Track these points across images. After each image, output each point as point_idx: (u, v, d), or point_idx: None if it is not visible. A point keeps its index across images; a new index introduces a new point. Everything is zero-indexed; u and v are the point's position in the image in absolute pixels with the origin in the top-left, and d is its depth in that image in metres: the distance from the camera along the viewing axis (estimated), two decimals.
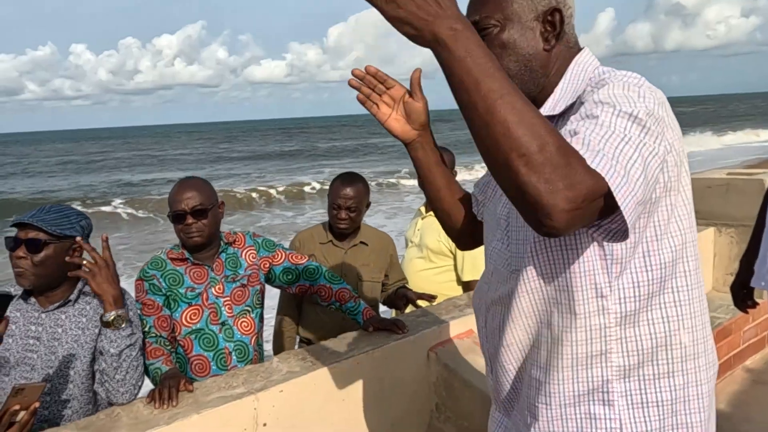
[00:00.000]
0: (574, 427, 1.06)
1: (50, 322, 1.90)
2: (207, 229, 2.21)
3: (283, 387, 1.99)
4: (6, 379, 1.84)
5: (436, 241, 3.07)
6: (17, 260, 1.82)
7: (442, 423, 2.36)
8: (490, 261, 1.24)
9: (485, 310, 1.24)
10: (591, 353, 1.03)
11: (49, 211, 1.89)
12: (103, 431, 1.74)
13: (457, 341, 2.43)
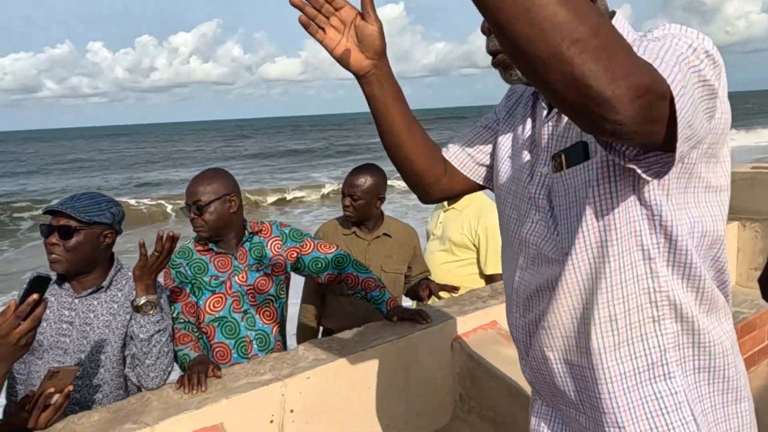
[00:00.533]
0: (642, 413, 1.01)
1: (83, 308, 1.93)
2: (208, 223, 2.23)
3: (309, 374, 2.00)
4: (39, 362, 1.88)
5: (459, 233, 3.06)
6: (50, 246, 1.86)
7: (465, 413, 2.37)
8: (526, 245, 1.12)
9: (524, 299, 1.14)
10: (644, 321, 0.99)
11: (80, 198, 1.92)
12: (134, 415, 1.76)
13: (481, 332, 2.43)
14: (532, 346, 1.15)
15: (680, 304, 0.98)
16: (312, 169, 28.09)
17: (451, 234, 3.08)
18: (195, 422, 1.77)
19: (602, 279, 0.99)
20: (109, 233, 1.94)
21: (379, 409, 2.19)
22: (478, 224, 3.01)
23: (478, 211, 3.05)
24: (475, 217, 3.03)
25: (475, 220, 3.03)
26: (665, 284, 0.97)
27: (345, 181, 2.79)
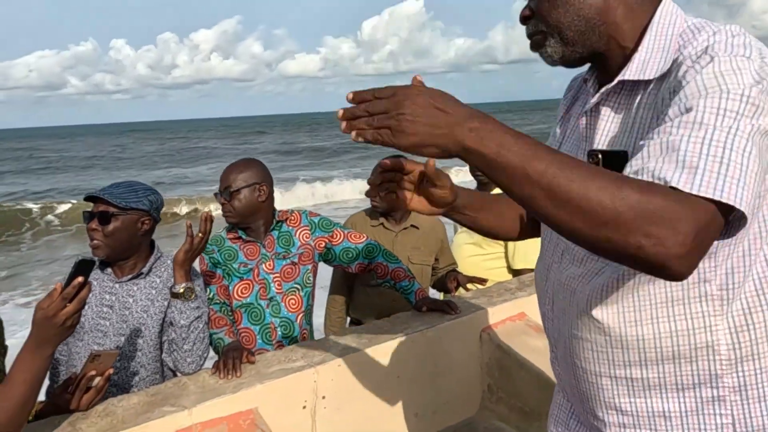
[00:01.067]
0: (679, 424, 0.97)
1: (123, 292, 1.98)
2: (236, 209, 2.29)
3: (340, 362, 2.03)
4: (80, 344, 1.94)
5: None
6: (90, 232, 1.92)
7: (494, 403, 2.38)
8: (557, 238, 1.11)
9: (552, 293, 1.12)
10: (695, 345, 0.93)
11: (118, 186, 1.98)
12: (171, 398, 1.81)
13: (509, 323, 2.44)
14: (560, 341, 1.13)
15: (738, 330, 0.93)
16: (331, 168, 28.07)
17: None
18: (230, 406, 1.81)
19: (644, 290, 0.95)
20: (147, 220, 1.99)
21: (409, 398, 2.21)
22: None
23: None
24: None
25: None
26: (719, 308, 0.92)
27: (373, 171, 2.81)
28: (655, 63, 0.95)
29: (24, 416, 1.43)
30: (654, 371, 0.97)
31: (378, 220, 2.88)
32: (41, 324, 1.41)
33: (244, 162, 2.38)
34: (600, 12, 0.98)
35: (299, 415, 1.96)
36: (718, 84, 0.82)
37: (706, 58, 0.86)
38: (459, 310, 2.36)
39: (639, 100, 0.98)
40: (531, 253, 3.00)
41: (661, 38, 0.96)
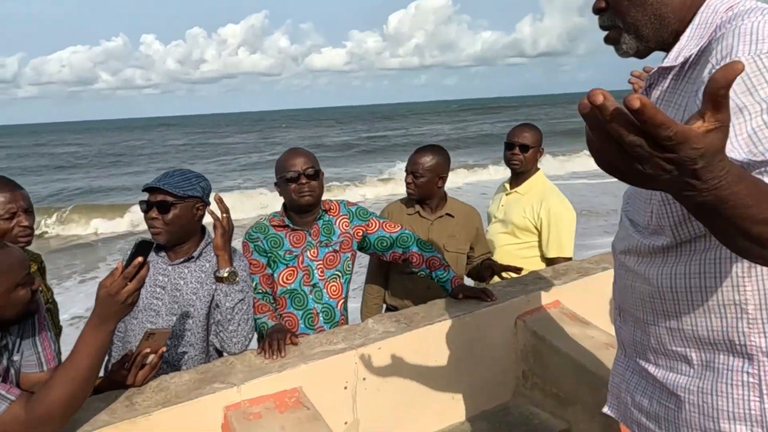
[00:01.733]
0: (711, 376, 1.06)
1: (175, 275, 2.07)
2: (317, 190, 2.36)
3: (381, 345, 2.09)
4: (135, 322, 2.04)
5: (521, 217, 3.09)
6: (151, 221, 2.01)
7: (529, 389, 2.42)
8: (624, 209, 1.25)
9: (617, 257, 1.26)
10: (723, 302, 1.01)
11: (172, 175, 2.06)
12: (220, 376, 1.89)
13: (545, 311, 2.47)
14: (621, 300, 1.25)
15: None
16: (356, 163, 28.02)
17: (514, 217, 3.11)
18: (276, 384, 1.89)
19: (682, 252, 1.05)
20: (201, 205, 2.08)
21: (445, 382, 2.27)
22: (541, 207, 3.03)
23: (540, 195, 3.07)
24: (537, 200, 3.06)
25: (537, 203, 3.05)
26: (747, 269, 1.00)
27: (409, 159, 2.86)
28: (687, 50, 1.03)
29: (89, 387, 1.52)
30: (688, 323, 1.07)
31: (414, 209, 2.93)
32: (104, 301, 1.50)
33: (306, 150, 2.46)
34: (675, 11, 1.06)
35: (341, 394, 2.03)
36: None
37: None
38: (495, 297, 2.40)
39: (678, 85, 1.06)
40: (565, 243, 3.02)
41: (701, 27, 1.03)
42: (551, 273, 2.75)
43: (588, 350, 2.22)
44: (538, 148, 3.12)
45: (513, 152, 3.11)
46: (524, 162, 3.10)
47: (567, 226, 3.03)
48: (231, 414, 1.77)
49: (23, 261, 1.55)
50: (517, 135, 3.11)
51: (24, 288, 1.55)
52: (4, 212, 2.02)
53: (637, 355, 1.24)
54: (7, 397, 1.45)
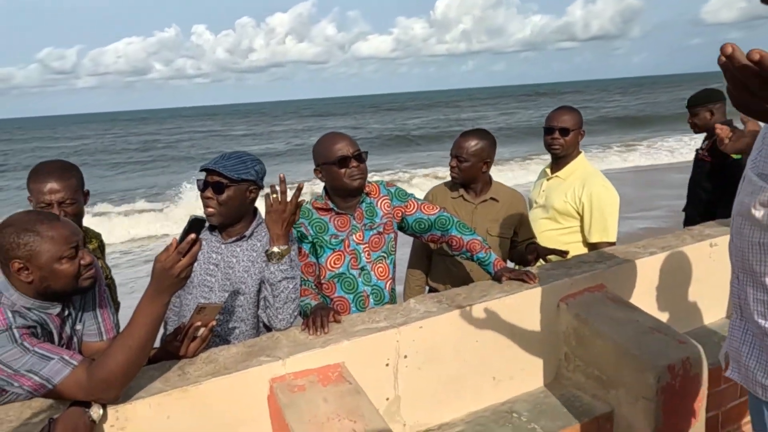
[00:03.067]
0: None
1: (227, 253, 2.17)
2: (365, 173, 2.40)
3: (422, 323, 2.12)
4: (189, 297, 2.15)
5: (563, 201, 3.06)
6: (206, 200, 2.10)
7: (571, 372, 2.41)
8: (751, 170, 1.31)
9: (734, 219, 1.34)
10: None
11: (229, 157, 2.14)
12: (266, 350, 1.96)
13: (588, 294, 2.45)
14: (735, 254, 1.33)
15: None
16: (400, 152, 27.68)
17: (555, 202, 3.08)
18: (320, 359, 1.95)
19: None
20: (254, 189, 2.15)
21: (487, 362, 2.28)
22: (582, 192, 2.99)
23: (582, 179, 3.03)
24: (579, 185, 3.02)
25: (579, 188, 3.01)
26: None
27: (454, 143, 2.87)
28: None
29: (144, 355, 1.62)
30: None
31: (458, 192, 2.94)
32: (159, 275, 1.58)
33: (344, 133, 2.50)
34: None
35: (382, 371, 2.07)
36: None
37: None
38: (538, 280, 2.39)
39: None
40: (608, 227, 2.97)
41: None
42: (595, 257, 2.72)
43: (633, 334, 2.20)
44: (578, 131, 3.07)
45: (553, 136, 3.07)
46: (565, 146, 3.06)
47: (610, 209, 2.98)
48: (276, 386, 1.84)
49: (69, 236, 1.62)
50: (556, 118, 3.07)
51: (69, 262, 1.62)
52: (41, 201, 2.11)
53: (758, 316, 1.29)
54: (71, 362, 1.56)
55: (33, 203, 2.14)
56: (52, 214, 1.66)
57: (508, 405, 2.33)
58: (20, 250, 1.57)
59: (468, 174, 2.85)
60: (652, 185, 13.42)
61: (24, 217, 1.61)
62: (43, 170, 2.15)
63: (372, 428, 1.71)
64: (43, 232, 1.58)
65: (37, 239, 1.58)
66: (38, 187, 2.12)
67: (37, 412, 1.61)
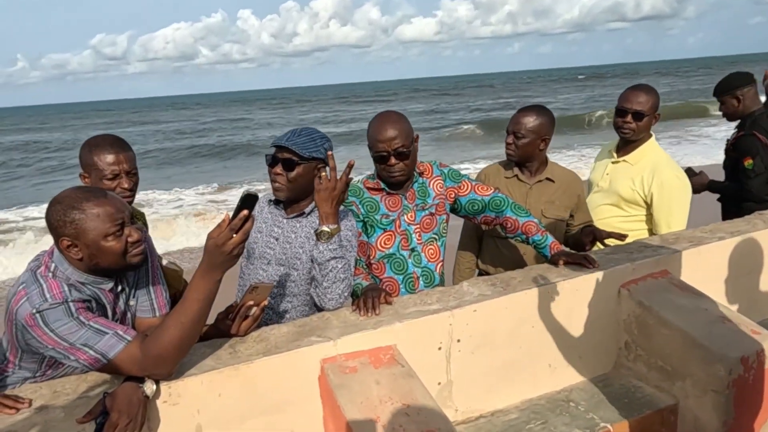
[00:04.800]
0: None
1: (287, 227, 2.16)
2: (408, 168, 2.30)
3: (476, 307, 2.05)
4: (251, 267, 2.18)
5: (630, 188, 2.88)
6: (275, 176, 2.08)
7: (631, 361, 2.30)
8: None
9: None
10: None
11: (300, 134, 2.09)
12: (317, 330, 1.93)
13: (651, 280, 2.33)
14: None
15: None
16: None
17: (620, 187, 2.91)
18: (371, 341, 1.90)
19: None
20: (322, 166, 2.10)
21: (542, 348, 2.20)
22: (653, 180, 2.81)
23: (653, 166, 2.83)
24: (649, 172, 2.83)
25: (649, 175, 2.83)
26: None
27: (511, 118, 2.75)
28: None
29: (197, 331, 1.60)
30: None
31: (512, 172, 2.83)
32: (212, 251, 1.55)
33: (399, 116, 2.33)
34: None
35: (435, 355, 2.01)
36: None
37: None
38: (597, 264, 2.28)
39: None
40: (679, 219, 2.80)
41: None
42: (659, 241, 2.58)
43: (702, 323, 2.07)
44: (653, 115, 2.87)
45: (625, 120, 2.88)
46: (636, 131, 2.87)
47: (681, 200, 2.79)
48: (327, 366, 1.81)
49: (114, 213, 1.58)
50: (630, 100, 2.86)
51: (116, 239, 1.59)
52: (108, 172, 2.09)
53: None
54: (125, 338, 1.56)
55: (92, 177, 2.13)
56: (100, 190, 1.63)
57: (565, 393, 2.24)
58: (68, 228, 1.56)
59: (525, 151, 2.73)
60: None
61: (72, 193, 1.59)
62: (104, 142, 2.15)
63: (425, 413, 1.66)
64: (89, 210, 1.56)
65: (83, 217, 1.56)
66: (104, 158, 2.10)
67: (92, 386, 1.62)
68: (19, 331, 1.55)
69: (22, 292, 1.56)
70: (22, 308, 1.53)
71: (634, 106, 2.83)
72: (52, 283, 1.57)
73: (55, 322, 1.52)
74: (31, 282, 1.58)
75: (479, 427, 2.08)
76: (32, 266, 1.65)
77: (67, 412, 1.51)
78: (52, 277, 1.59)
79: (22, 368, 1.68)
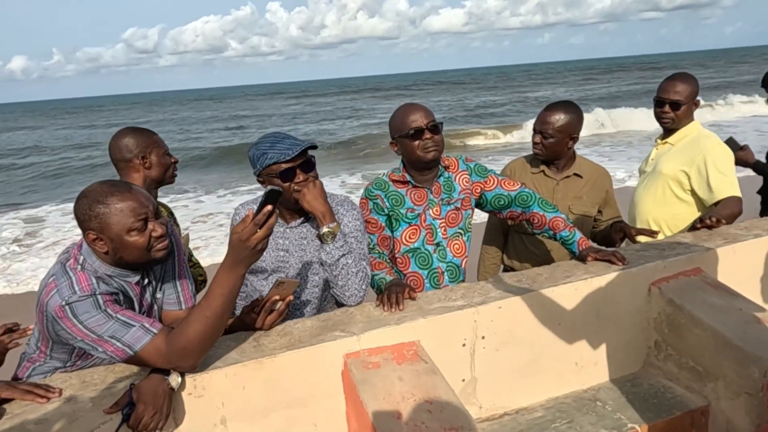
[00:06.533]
0: None
1: (294, 236, 2.10)
2: (441, 144, 2.28)
3: (501, 304, 2.02)
4: (264, 283, 2.12)
5: (673, 167, 2.83)
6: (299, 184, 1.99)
7: (661, 361, 2.24)
8: None
9: None
10: None
11: (287, 137, 2.05)
12: (341, 324, 1.93)
13: (683, 278, 2.26)
14: None
15: None
16: None
17: (664, 167, 2.87)
18: (395, 336, 1.89)
19: None
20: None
21: (569, 346, 2.16)
22: (696, 153, 2.75)
23: (694, 141, 2.81)
24: (691, 147, 2.80)
25: (691, 150, 2.79)
26: None
27: (538, 117, 2.70)
28: None
29: (221, 325, 1.61)
30: None
31: (539, 167, 2.78)
32: (236, 246, 1.55)
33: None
34: None
35: (459, 351, 1.99)
36: None
37: None
38: (627, 261, 2.23)
39: None
40: (731, 180, 2.69)
41: None
42: (691, 238, 2.51)
43: (735, 323, 2.01)
44: (691, 103, 2.83)
45: (663, 110, 2.86)
46: (675, 120, 2.84)
47: (727, 162, 2.73)
48: (351, 361, 1.80)
49: (137, 207, 1.59)
50: (668, 90, 2.83)
51: (139, 233, 1.60)
52: (166, 147, 2.38)
53: None
54: (151, 330, 1.57)
55: (153, 155, 2.33)
56: (125, 184, 1.64)
57: (592, 392, 2.20)
58: (93, 222, 1.57)
59: (553, 151, 2.68)
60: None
61: (98, 188, 1.60)
62: (149, 130, 2.39)
63: (448, 410, 1.64)
64: (113, 204, 1.57)
65: (107, 211, 1.56)
66: (159, 137, 2.39)
67: (120, 378, 1.64)
68: (49, 323, 1.58)
69: (52, 284, 1.59)
70: (53, 300, 1.56)
71: (671, 96, 2.82)
72: (81, 276, 1.60)
73: (84, 314, 1.54)
74: (61, 274, 1.60)
75: (503, 425, 2.06)
76: (62, 259, 1.68)
77: (95, 402, 1.54)
78: (80, 270, 1.62)
79: (53, 358, 1.72)
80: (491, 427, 2.04)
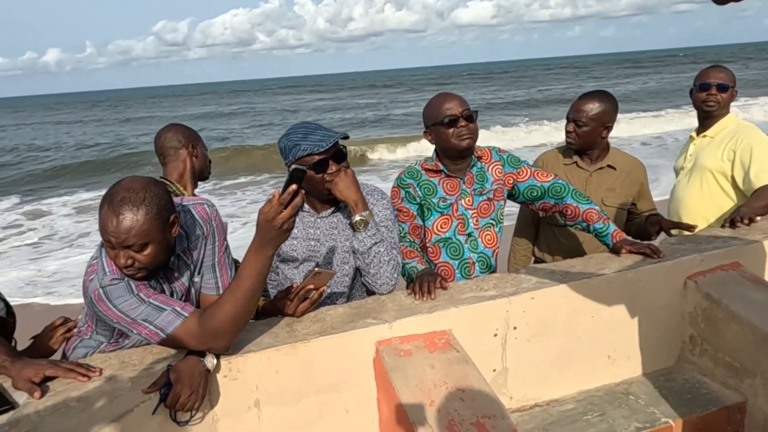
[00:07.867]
0: None
1: (325, 226, 2.10)
2: (475, 133, 2.27)
3: (533, 294, 2.01)
4: (295, 271, 2.13)
5: (715, 159, 2.78)
6: (331, 175, 1.98)
7: (696, 356, 2.21)
8: None
9: None
10: None
11: (318, 127, 2.05)
12: (373, 312, 1.93)
13: (721, 272, 2.22)
14: None
15: None
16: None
17: (706, 160, 2.83)
18: (426, 325, 1.89)
19: None
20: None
21: (602, 339, 2.14)
22: (737, 143, 2.73)
23: (734, 132, 2.79)
24: (731, 138, 2.77)
25: (731, 140, 2.76)
26: None
27: (571, 106, 2.67)
28: None
29: (251, 306, 1.62)
30: None
31: (572, 159, 2.75)
32: (263, 226, 1.56)
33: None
34: None
35: (490, 341, 1.99)
36: None
37: None
38: (662, 255, 2.19)
39: None
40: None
41: None
42: (730, 233, 2.46)
43: None
44: (734, 89, 2.82)
45: (710, 93, 2.84)
46: (721, 103, 2.82)
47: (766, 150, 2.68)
48: (382, 349, 1.81)
49: (109, 230, 1.52)
50: (712, 75, 2.84)
51: (112, 250, 1.56)
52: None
53: None
54: (182, 314, 1.60)
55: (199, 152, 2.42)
56: (120, 199, 1.53)
57: (624, 386, 2.18)
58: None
59: (586, 140, 2.65)
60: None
61: (113, 188, 1.57)
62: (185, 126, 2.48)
63: (480, 398, 1.64)
64: (101, 213, 1.54)
65: (100, 216, 1.55)
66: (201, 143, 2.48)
67: (158, 359, 1.68)
68: (91, 304, 1.63)
69: (93, 266, 1.63)
70: (92, 284, 1.60)
71: (717, 80, 2.83)
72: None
73: (118, 298, 1.58)
74: (96, 256, 1.65)
75: (534, 416, 2.05)
76: (101, 241, 1.72)
77: (134, 382, 1.58)
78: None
79: (99, 333, 1.78)
80: (522, 418, 2.04)
